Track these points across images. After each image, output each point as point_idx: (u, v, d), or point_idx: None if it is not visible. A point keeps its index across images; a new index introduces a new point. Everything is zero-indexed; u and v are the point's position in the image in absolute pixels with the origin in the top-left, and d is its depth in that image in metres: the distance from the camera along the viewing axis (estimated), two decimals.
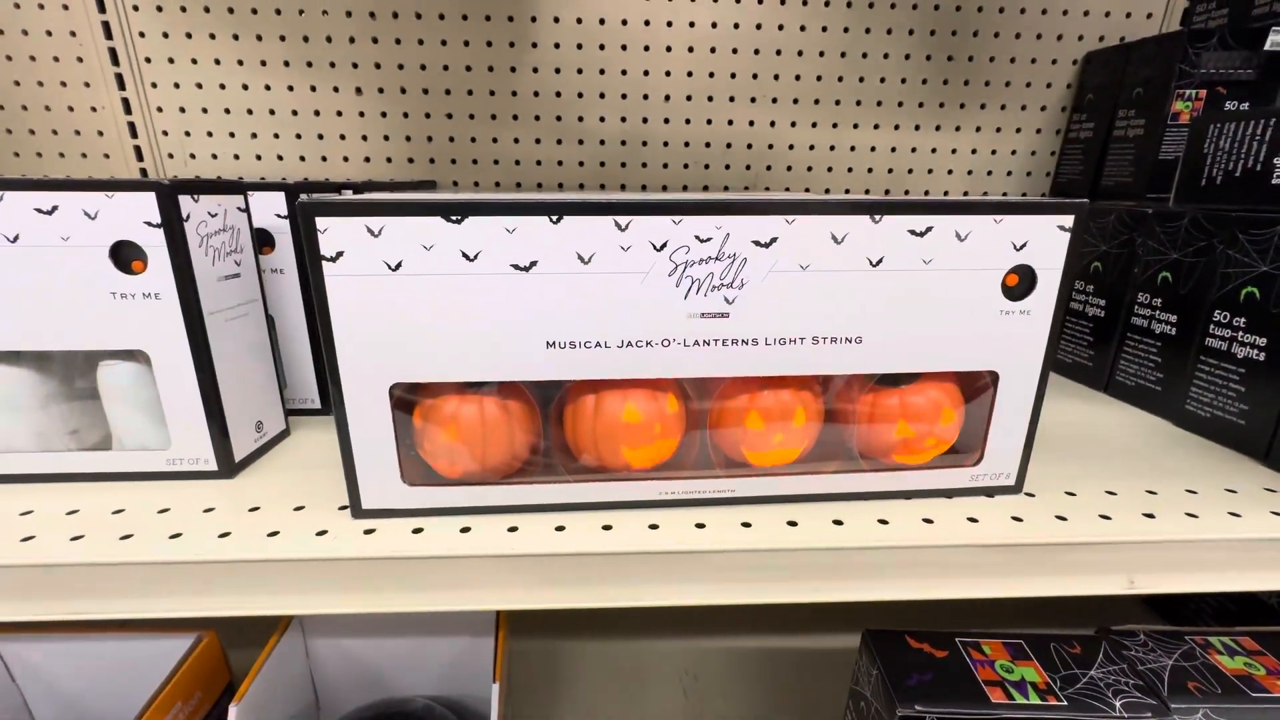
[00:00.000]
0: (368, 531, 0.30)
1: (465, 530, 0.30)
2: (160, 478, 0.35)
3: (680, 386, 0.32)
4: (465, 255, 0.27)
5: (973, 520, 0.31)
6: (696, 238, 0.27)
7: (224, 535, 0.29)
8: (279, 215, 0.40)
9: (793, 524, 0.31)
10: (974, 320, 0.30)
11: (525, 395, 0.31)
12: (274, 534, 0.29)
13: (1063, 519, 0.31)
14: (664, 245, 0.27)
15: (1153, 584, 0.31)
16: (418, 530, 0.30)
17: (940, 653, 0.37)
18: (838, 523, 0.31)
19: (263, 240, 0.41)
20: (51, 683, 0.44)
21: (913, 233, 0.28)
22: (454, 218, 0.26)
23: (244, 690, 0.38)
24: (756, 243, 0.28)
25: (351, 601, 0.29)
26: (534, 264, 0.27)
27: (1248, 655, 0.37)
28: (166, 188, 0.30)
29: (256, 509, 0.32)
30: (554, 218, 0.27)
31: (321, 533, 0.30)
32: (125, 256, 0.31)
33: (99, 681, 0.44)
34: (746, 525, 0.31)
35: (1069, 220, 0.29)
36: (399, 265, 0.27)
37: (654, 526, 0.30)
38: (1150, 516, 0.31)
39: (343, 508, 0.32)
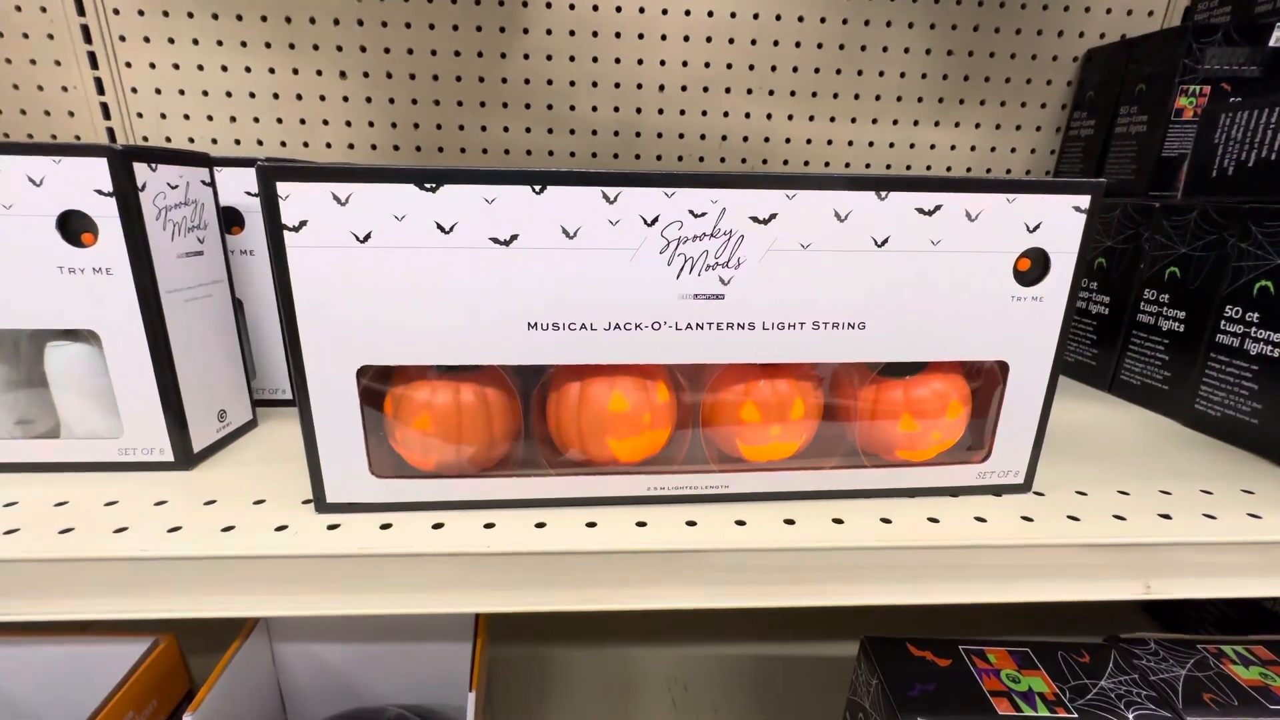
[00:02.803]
0: (331, 527, 0.27)
1: (438, 526, 0.28)
2: (111, 468, 0.32)
3: (671, 374, 0.30)
4: (440, 227, 0.25)
5: (980, 520, 0.29)
6: (690, 212, 0.25)
7: (174, 530, 0.27)
8: (249, 193, 0.38)
9: (790, 522, 0.29)
10: (983, 306, 0.28)
11: (504, 381, 0.29)
12: (229, 529, 0.27)
13: (1075, 519, 0.30)
14: (655, 220, 0.25)
15: (1170, 589, 0.29)
16: (386, 526, 0.28)
17: (943, 661, 0.35)
18: (838, 521, 0.29)
19: (232, 219, 0.38)
20: None
21: (921, 211, 0.26)
22: (428, 186, 0.24)
23: (201, 698, 0.35)
24: (754, 219, 0.26)
25: (312, 603, 0.27)
26: (515, 238, 0.25)
27: (1262, 665, 0.35)
28: (119, 153, 0.28)
29: (212, 502, 0.29)
30: (537, 188, 0.25)
31: (281, 528, 0.27)
32: (74, 228, 0.29)
33: (46, 688, 0.41)
34: (741, 523, 0.29)
35: (1085, 201, 0.27)
36: (368, 237, 0.25)
37: (642, 524, 0.28)
38: (1166, 517, 0.30)
39: (306, 502, 0.30)
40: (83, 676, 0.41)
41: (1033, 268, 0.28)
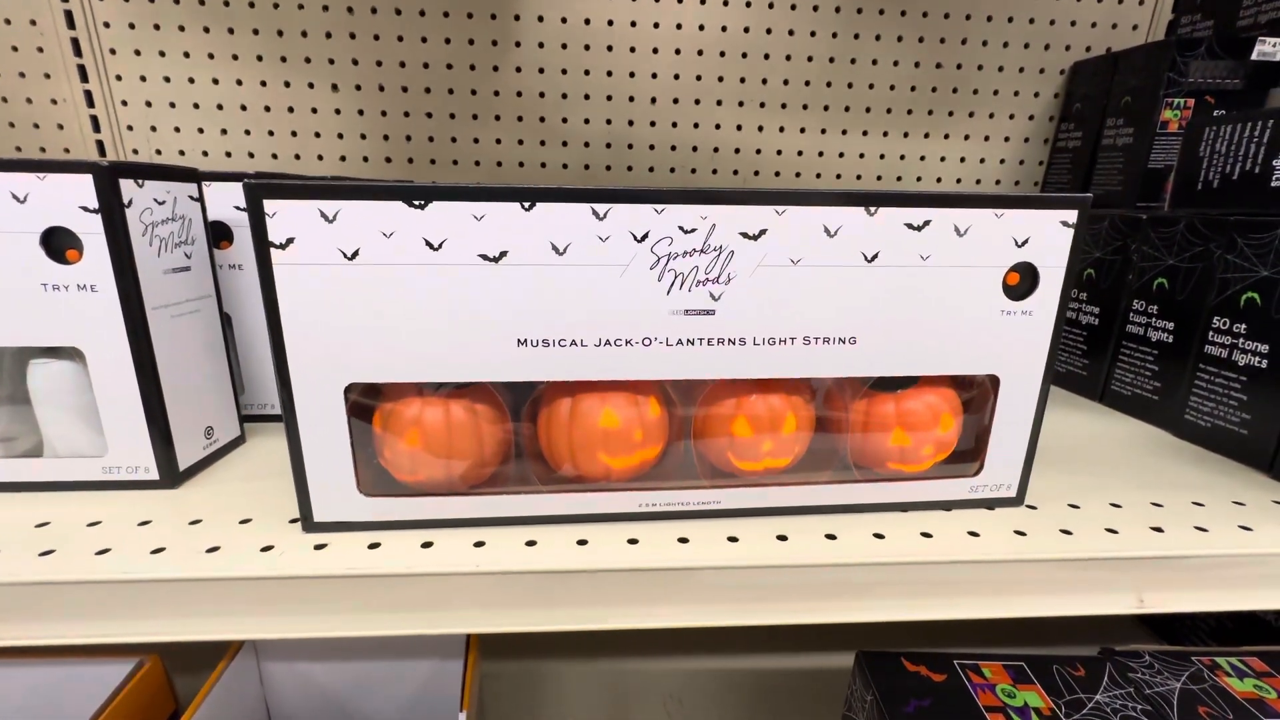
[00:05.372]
0: (319, 547, 0.27)
1: (427, 545, 0.27)
2: (95, 487, 0.32)
3: (662, 389, 0.30)
4: (429, 244, 0.25)
5: (974, 534, 0.29)
6: (680, 228, 0.25)
7: (157, 551, 0.26)
8: (238, 208, 0.38)
9: (783, 538, 0.29)
10: (973, 321, 0.28)
11: (494, 398, 0.29)
12: (214, 549, 0.27)
13: (1068, 533, 0.30)
14: (645, 236, 0.25)
15: (1163, 602, 0.29)
16: (374, 545, 0.27)
17: (938, 676, 0.35)
18: (830, 537, 0.29)
19: (220, 234, 0.38)
20: None
21: (910, 226, 0.26)
22: (417, 202, 0.24)
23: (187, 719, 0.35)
24: (744, 235, 0.26)
25: (299, 625, 0.26)
26: (504, 254, 0.25)
27: (1257, 677, 0.35)
28: (105, 169, 0.28)
29: (198, 522, 0.29)
30: (526, 204, 0.24)
31: (267, 548, 0.27)
32: (58, 244, 0.29)
33: (29, 710, 0.40)
34: (733, 540, 0.28)
35: (1072, 215, 0.27)
36: (356, 254, 0.24)
37: (633, 541, 0.28)
38: (1159, 530, 0.30)
39: (293, 521, 0.29)
40: (66, 698, 0.40)
41: (1021, 282, 0.28)
